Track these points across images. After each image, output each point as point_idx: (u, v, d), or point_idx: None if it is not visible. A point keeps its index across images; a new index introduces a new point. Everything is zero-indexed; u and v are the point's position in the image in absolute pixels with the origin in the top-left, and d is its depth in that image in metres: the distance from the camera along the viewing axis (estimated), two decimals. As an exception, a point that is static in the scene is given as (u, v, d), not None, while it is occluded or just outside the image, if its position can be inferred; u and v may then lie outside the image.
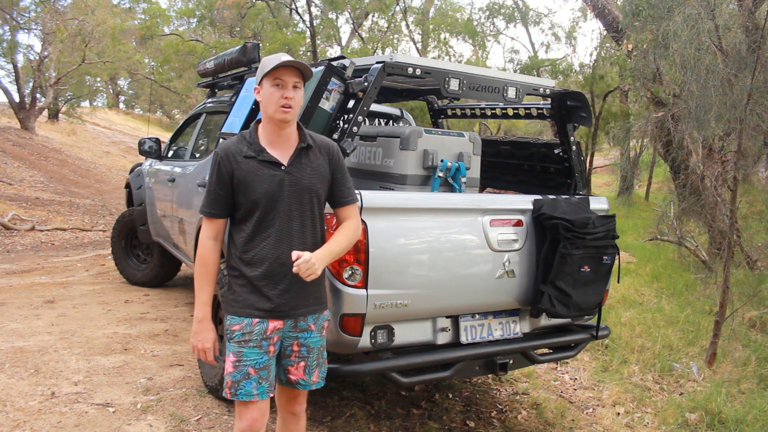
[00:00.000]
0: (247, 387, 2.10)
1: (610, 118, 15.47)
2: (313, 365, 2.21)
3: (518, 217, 3.07)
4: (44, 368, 3.74)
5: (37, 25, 17.26)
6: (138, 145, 5.43)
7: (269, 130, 2.14)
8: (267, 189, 2.08)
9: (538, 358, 3.21)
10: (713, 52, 5.73)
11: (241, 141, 2.15)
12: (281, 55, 2.10)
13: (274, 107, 2.07)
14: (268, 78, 2.08)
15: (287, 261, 2.06)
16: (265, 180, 2.09)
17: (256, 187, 2.08)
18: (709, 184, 7.58)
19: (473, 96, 3.11)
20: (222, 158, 2.11)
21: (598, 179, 22.53)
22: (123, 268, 6.10)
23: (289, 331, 2.16)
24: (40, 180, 13.87)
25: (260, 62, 2.15)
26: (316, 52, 14.43)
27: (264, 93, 2.10)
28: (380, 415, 3.51)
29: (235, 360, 2.11)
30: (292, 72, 2.08)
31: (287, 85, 2.07)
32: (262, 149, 2.12)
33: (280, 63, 2.05)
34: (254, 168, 2.09)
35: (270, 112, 2.09)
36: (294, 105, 2.08)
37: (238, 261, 2.14)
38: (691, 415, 3.81)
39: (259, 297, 2.12)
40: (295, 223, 2.13)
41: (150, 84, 21.87)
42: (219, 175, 2.11)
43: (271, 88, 2.07)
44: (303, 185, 2.13)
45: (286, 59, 2.06)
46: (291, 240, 2.12)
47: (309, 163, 2.16)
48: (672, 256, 8.68)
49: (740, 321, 5.65)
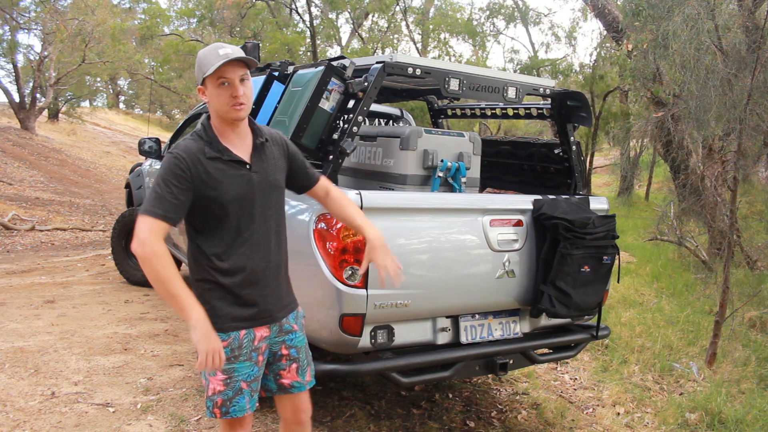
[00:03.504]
0: (240, 403, 2.00)
1: (610, 118, 15.47)
2: (304, 365, 2.18)
3: (518, 217, 3.07)
4: (44, 368, 3.74)
5: (37, 25, 17.26)
6: (138, 145, 5.44)
7: (222, 130, 1.97)
8: (238, 191, 1.94)
9: (538, 358, 3.21)
10: (713, 52, 5.73)
11: (198, 140, 1.94)
12: (218, 47, 1.90)
13: (226, 108, 1.91)
14: (211, 78, 1.89)
15: (266, 263, 2.01)
16: (235, 181, 1.93)
17: (226, 190, 1.91)
18: (709, 184, 7.58)
19: (473, 96, 3.11)
20: (184, 159, 1.87)
21: (598, 179, 22.52)
22: (123, 268, 6.10)
23: (276, 336, 2.10)
24: (40, 180, 13.87)
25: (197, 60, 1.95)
26: (316, 52, 14.43)
27: (210, 94, 1.92)
28: (380, 415, 3.51)
29: (226, 377, 1.98)
30: (236, 65, 1.89)
31: (234, 82, 1.89)
32: (224, 148, 1.95)
33: (221, 62, 1.85)
34: (221, 169, 1.92)
35: (221, 113, 1.93)
36: (245, 101, 1.92)
37: (213, 272, 1.95)
38: (691, 415, 3.81)
39: (241, 306, 1.99)
40: (270, 222, 2.04)
41: (150, 84, 21.85)
42: (180, 178, 1.85)
43: (217, 89, 1.89)
44: (269, 182, 2.03)
45: (225, 55, 1.86)
46: (269, 240, 2.03)
47: (268, 159, 2.04)
48: (672, 256, 8.67)
49: (740, 321, 5.65)
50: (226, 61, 1.86)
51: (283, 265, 2.14)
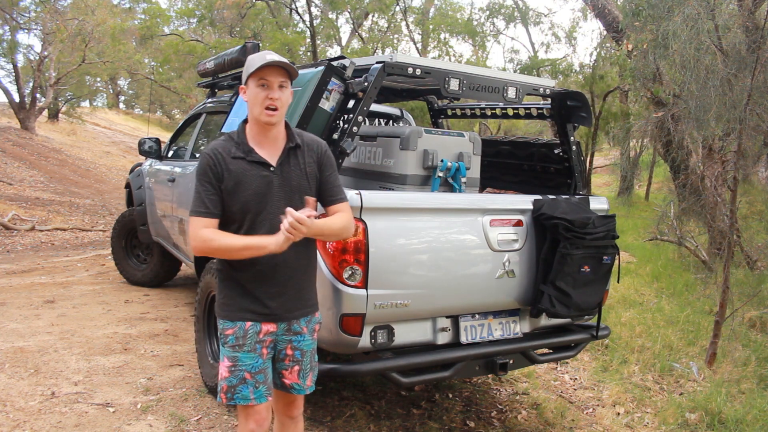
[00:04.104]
0: (243, 392, 2.08)
1: (610, 118, 15.46)
2: (306, 369, 2.20)
3: (518, 217, 3.07)
4: (44, 368, 3.74)
5: (37, 25, 17.27)
6: (138, 145, 5.43)
7: (256, 131, 2.09)
8: (256, 190, 2.04)
9: (538, 358, 3.21)
10: (713, 52, 5.72)
11: (228, 141, 2.10)
12: (266, 53, 2.04)
13: (259, 109, 2.02)
14: (253, 78, 2.02)
15: (278, 264, 2.05)
16: (255, 181, 2.04)
17: (245, 188, 2.04)
18: (709, 184, 7.58)
19: (473, 96, 3.11)
20: (211, 159, 2.05)
21: (598, 179, 22.53)
22: (123, 268, 6.10)
23: (283, 334, 2.14)
24: (40, 180, 13.87)
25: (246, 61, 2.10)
26: (316, 52, 14.43)
27: (249, 93, 2.05)
28: (380, 415, 3.51)
29: (231, 365, 2.08)
30: (278, 71, 2.02)
31: (272, 85, 2.02)
32: (250, 150, 2.07)
33: (264, 63, 1.99)
34: (243, 169, 2.05)
35: (255, 113, 2.05)
36: (280, 106, 2.03)
37: (227, 265, 2.10)
38: (691, 415, 3.81)
39: (251, 300, 2.08)
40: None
41: (150, 84, 21.85)
42: (208, 175, 2.04)
43: (256, 88, 2.02)
44: (292, 186, 2.09)
45: (272, 58, 2.00)
46: None
47: (297, 163, 2.11)
48: (672, 256, 8.67)
49: (740, 321, 5.65)
50: (270, 63, 1.99)
51: (303, 270, 2.16)
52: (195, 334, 3.74)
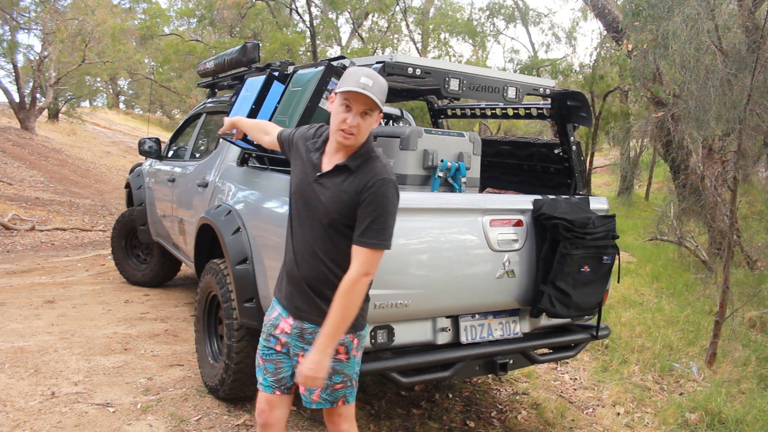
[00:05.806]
0: (258, 373, 2.21)
1: (610, 118, 15.46)
2: None
3: (518, 217, 3.07)
4: (44, 368, 3.74)
5: (37, 25, 17.25)
6: (138, 145, 5.43)
7: (332, 139, 2.06)
8: (297, 183, 2.11)
9: (538, 358, 3.21)
10: (713, 52, 5.72)
11: (318, 129, 2.18)
12: (363, 75, 1.94)
13: (336, 128, 1.98)
14: (340, 94, 1.96)
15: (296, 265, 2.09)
16: (300, 174, 2.11)
17: (295, 169, 2.15)
18: (709, 184, 7.58)
19: (473, 96, 3.11)
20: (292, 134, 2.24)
21: (598, 179, 22.53)
22: (123, 268, 6.10)
23: (296, 339, 2.10)
24: (40, 180, 13.88)
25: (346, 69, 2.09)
26: (316, 52, 14.43)
27: (333, 106, 1.99)
28: (380, 415, 3.51)
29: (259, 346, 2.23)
30: (365, 99, 1.93)
31: (354, 111, 1.94)
32: (319, 148, 2.11)
33: (350, 89, 1.91)
34: (302, 158, 2.13)
35: (333, 129, 2.01)
36: (356, 133, 1.95)
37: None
38: (691, 415, 3.81)
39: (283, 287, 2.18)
40: (306, 231, 2.06)
41: (150, 84, 21.86)
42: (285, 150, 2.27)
43: (340, 106, 1.96)
44: (319, 201, 2.01)
45: (362, 85, 1.91)
46: (305, 249, 2.06)
47: (337, 184, 2.00)
48: (672, 256, 8.67)
49: (740, 321, 5.65)
50: (356, 91, 1.91)
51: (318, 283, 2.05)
52: (195, 334, 3.74)
